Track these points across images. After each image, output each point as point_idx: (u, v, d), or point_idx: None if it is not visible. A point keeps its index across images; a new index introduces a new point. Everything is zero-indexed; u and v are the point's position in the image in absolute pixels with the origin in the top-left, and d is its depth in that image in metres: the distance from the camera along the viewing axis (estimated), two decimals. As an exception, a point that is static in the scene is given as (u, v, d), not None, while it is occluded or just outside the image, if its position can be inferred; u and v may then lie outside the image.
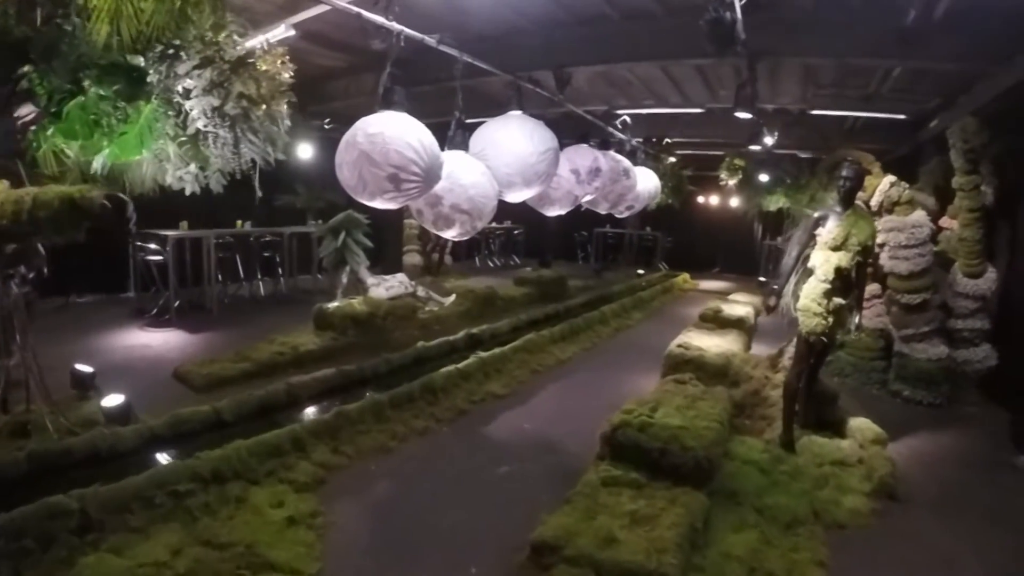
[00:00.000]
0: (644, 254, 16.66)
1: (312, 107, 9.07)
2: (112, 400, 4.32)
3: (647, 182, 7.41)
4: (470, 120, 4.13)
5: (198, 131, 3.88)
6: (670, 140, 11.62)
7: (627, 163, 6.58)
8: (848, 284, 4.22)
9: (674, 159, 12.45)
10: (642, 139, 9.75)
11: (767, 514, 3.61)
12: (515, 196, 4.33)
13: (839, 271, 4.12)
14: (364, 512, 3.61)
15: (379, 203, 3.51)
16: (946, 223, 5.96)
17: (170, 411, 4.31)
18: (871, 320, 6.05)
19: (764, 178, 11.16)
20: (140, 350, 6.35)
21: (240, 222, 9.20)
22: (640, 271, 14.89)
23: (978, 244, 5.63)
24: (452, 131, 4.16)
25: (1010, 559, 3.49)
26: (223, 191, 4.17)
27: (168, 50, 3.62)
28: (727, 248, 16.90)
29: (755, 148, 8.45)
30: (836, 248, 4.13)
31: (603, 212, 6.96)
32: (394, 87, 3.62)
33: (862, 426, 4.55)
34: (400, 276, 8.25)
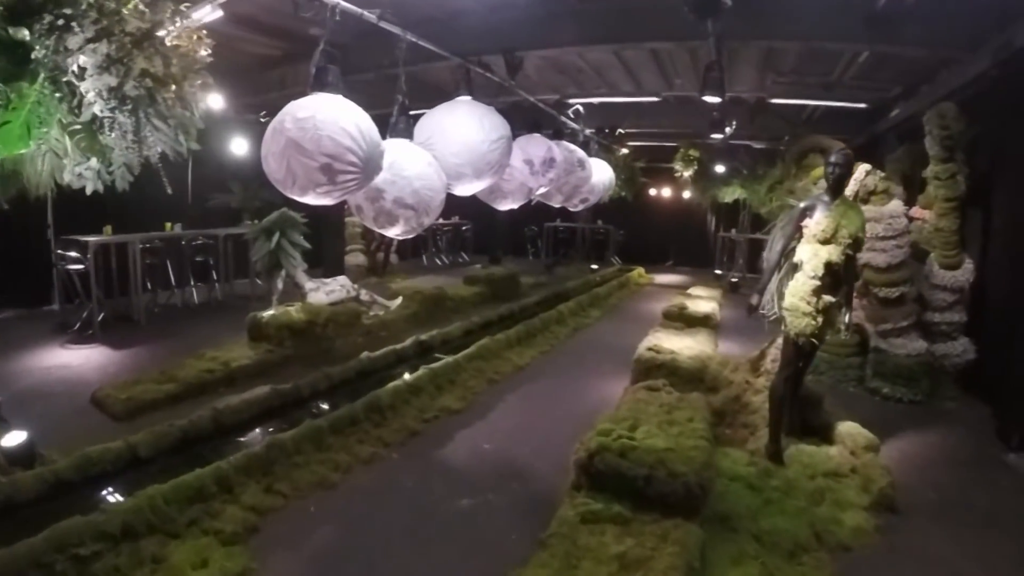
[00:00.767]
0: (596, 248, 16.38)
1: (247, 99, 8.51)
2: (13, 439, 3.64)
3: (602, 174, 7.10)
4: (414, 112, 3.73)
5: (94, 117, 3.22)
6: (623, 131, 11.29)
7: (581, 153, 6.26)
8: (838, 280, 3.85)
9: (626, 150, 12.14)
10: (594, 130, 9.38)
11: (766, 541, 3.20)
12: (465, 189, 3.92)
13: (829, 266, 3.75)
14: (303, 565, 3.02)
15: (312, 198, 3.03)
16: (917, 213, 5.73)
17: (84, 445, 3.73)
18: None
19: (720, 169, 11.01)
20: (58, 371, 5.69)
21: (169, 224, 8.60)
22: (594, 266, 14.54)
23: (955, 235, 5.44)
24: (395, 117, 3.70)
25: (1017, 569, 3.26)
26: (152, 191, 3.52)
27: (57, 20, 2.94)
28: (680, 241, 16.76)
29: (717, 136, 8.13)
30: (825, 241, 3.75)
31: (557, 205, 6.62)
32: (327, 66, 3.14)
33: (852, 432, 4.22)
34: (341, 279, 7.58)
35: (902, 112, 7.37)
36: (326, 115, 2.88)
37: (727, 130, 8.01)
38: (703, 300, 8.34)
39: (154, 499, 3.14)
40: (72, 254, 7.04)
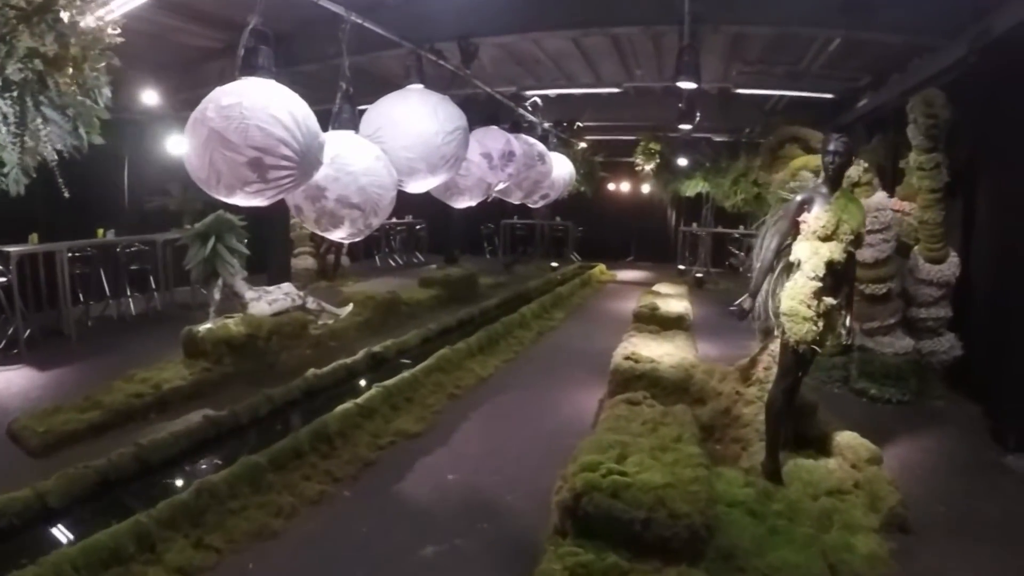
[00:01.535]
0: (555, 246, 16.03)
1: (185, 94, 7.84)
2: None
3: (562, 168, 6.76)
4: (362, 108, 3.42)
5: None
6: (581, 124, 10.90)
7: (541, 147, 5.95)
8: (838, 280, 3.48)
9: (585, 144, 11.78)
10: (551, 123, 8.99)
11: (778, 581, 2.79)
12: (418, 185, 3.53)
13: (831, 265, 3.37)
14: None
15: (241, 199, 2.59)
16: (896, 205, 5.45)
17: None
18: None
19: (683, 162, 10.73)
20: (-26, 398, 5.02)
21: (102, 231, 7.95)
22: (554, 264, 14.14)
23: (940, 227, 5.19)
24: (338, 105, 3.25)
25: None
26: (84, 195, 2.90)
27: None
28: (640, 236, 16.52)
29: (686, 127, 7.79)
30: (826, 238, 3.37)
31: (516, 202, 6.24)
32: (258, 47, 2.69)
33: (852, 443, 3.88)
34: (286, 286, 6.92)
35: (871, 102, 7.19)
36: (254, 101, 2.43)
37: (692, 120, 7.65)
38: (673, 299, 7.97)
39: (60, 567, 2.62)
40: (-7, 266, 6.37)
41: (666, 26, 5.58)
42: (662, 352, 5.16)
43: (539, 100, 8.02)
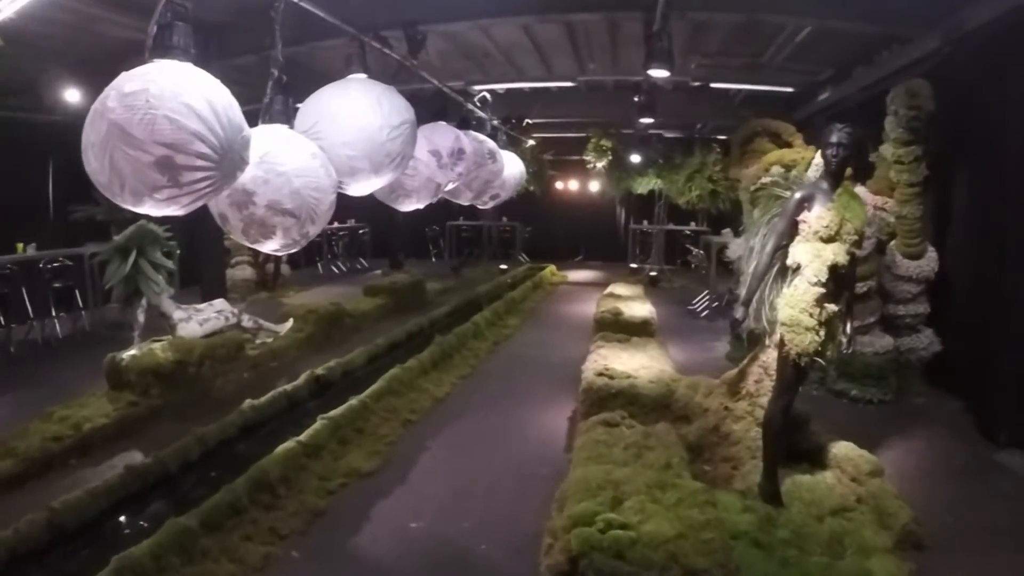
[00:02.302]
0: (503, 247, 15.57)
1: None
2: None
3: (513, 167, 6.38)
4: (300, 105, 2.98)
5: None
6: (530, 121, 10.49)
7: (492, 144, 5.54)
8: (840, 285, 3.16)
9: (533, 142, 11.39)
10: (500, 120, 8.55)
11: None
12: (361, 187, 3.09)
13: (834, 269, 3.03)
14: None
15: (151, 207, 2.12)
16: (870, 200, 5.24)
17: None
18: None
19: (636, 159, 10.46)
20: None
21: (22, 246, 7.38)
22: (503, 266, 13.68)
23: (918, 222, 5.02)
24: (268, 95, 2.77)
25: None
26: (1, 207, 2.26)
27: None
28: (589, 235, 16.27)
29: (647, 121, 7.47)
30: (829, 239, 3.03)
31: (465, 203, 5.85)
32: (174, 23, 2.24)
33: (850, 455, 3.61)
34: (218, 303, 6.20)
35: (832, 95, 7.08)
36: (164, 88, 1.98)
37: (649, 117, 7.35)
38: (634, 301, 7.64)
39: None
40: None
41: (628, 12, 5.25)
42: (636, 364, 4.76)
43: (488, 96, 7.60)
